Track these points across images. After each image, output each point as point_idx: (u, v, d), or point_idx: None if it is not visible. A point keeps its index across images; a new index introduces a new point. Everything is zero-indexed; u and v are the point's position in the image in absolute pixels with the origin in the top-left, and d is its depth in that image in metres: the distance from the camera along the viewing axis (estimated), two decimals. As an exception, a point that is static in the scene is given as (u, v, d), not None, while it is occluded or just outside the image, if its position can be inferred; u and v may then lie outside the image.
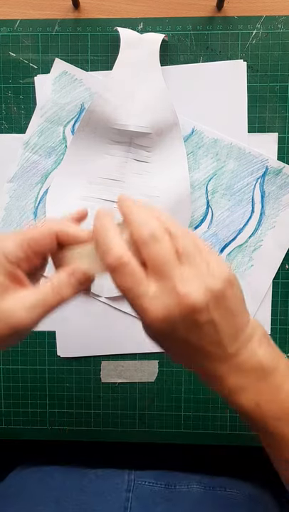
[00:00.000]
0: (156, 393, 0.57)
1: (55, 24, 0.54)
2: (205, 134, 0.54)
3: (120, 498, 0.50)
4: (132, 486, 0.52)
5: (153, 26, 0.53)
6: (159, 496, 0.51)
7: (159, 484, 0.53)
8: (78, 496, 0.50)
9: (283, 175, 0.54)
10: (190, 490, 0.52)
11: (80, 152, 0.54)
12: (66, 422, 0.57)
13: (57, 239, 0.34)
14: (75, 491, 0.51)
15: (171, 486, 0.53)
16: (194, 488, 0.52)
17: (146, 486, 0.53)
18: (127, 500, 0.50)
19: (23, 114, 0.55)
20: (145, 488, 0.52)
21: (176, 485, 0.53)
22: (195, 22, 0.53)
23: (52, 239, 0.34)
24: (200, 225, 0.55)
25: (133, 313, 0.56)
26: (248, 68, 0.53)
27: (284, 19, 0.53)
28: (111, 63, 0.53)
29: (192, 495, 0.51)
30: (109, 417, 0.57)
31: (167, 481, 0.54)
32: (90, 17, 0.54)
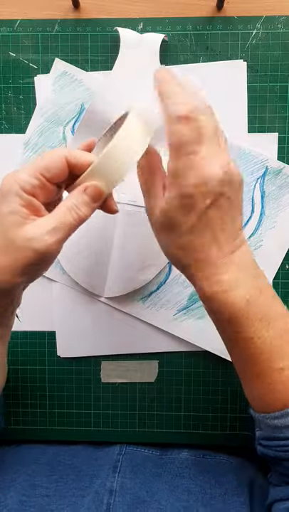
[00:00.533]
0: (156, 393, 0.57)
1: (55, 24, 0.54)
2: (205, 134, 0.54)
3: (112, 460, 0.51)
4: (124, 450, 0.54)
5: (153, 26, 0.53)
6: (149, 461, 0.52)
7: (150, 452, 0.54)
8: (71, 461, 0.51)
9: (283, 175, 0.54)
10: (180, 456, 0.53)
11: (80, 152, 0.54)
12: (66, 422, 0.57)
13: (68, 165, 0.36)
14: (68, 457, 0.52)
15: (162, 454, 0.54)
16: (184, 455, 0.53)
17: (137, 451, 0.54)
18: (118, 461, 0.51)
19: (23, 114, 0.55)
20: (136, 453, 0.54)
21: (167, 453, 0.54)
22: (195, 22, 0.53)
23: (63, 163, 0.35)
24: (200, 225, 0.55)
25: (133, 314, 0.56)
26: (248, 68, 0.53)
27: (284, 19, 0.53)
28: (111, 63, 0.53)
29: (182, 460, 0.52)
30: (109, 418, 0.57)
31: (159, 450, 0.55)
32: (90, 17, 0.54)
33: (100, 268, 0.55)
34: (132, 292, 0.56)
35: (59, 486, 0.47)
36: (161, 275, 0.56)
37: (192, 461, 0.52)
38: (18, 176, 0.34)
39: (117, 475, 0.48)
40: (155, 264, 0.55)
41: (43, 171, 0.35)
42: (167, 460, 0.53)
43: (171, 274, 0.56)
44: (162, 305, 0.56)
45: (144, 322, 0.56)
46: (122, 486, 0.46)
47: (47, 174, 0.35)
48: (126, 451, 0.54)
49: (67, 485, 0.47)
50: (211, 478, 0.48)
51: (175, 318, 0.56)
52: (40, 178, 0.35)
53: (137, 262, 0.55)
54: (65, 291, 0.56)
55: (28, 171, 0.35)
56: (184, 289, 0.56)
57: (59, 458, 0.52)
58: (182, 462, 0.52)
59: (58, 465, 0.51)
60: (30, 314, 0.56)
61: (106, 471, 0.49)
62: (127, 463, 0.51)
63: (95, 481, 0.48)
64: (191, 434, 0.57)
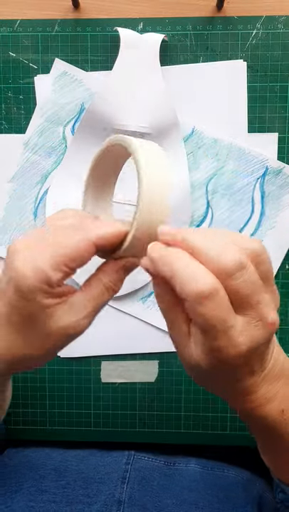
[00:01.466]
0: (156, 393, 0.57)
1: (55, 24, 0.54)
2: (205, 134, 0.54)
3: (120, 469, 0.51)
4: (132, 459, 0.53)
5: (153, 26, 0.53)
6: (157, 471, 0.52)
7: (158, 461, 0.54)
8: (79, 467, 0.51)
9: (283, 175, 0.54)
10: (188, 468, 0.53)
11: (80, 152, 0.54)
12: (66, 422, 0.57)
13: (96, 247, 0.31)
14: (75, 462, 0.52)
15: (170, 463, 0.54)
16: (192, 467, 0.53)
17: (145, 460, 0.53)
18: (126, 471, 0.50)
19: (23, 114, 0.55)
20: (144, 462, 0.53)
21: (174, 462, 0.54)
22: (195, 22, 0.53)
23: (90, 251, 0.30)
24: (200, 225, 0.55)
25: (133, 314, 0.56)
26: (248, 68, 0.53)
27: (284, 19, 0.53)
28: (111, 63, 0.53)
29: (190, 472, 0.52)
30: (109, 418, 0.57)
31: (166, 459, 0.54)
32: (90, 17, 0.54)
33: (100, 268, 0.55)
34: (132, 292, 0.55)
35: (66, 492, 0.46)
36: (161, 275, 0.56)
37: (200, 474, 0.52)
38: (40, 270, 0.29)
39: (126, 486, 0.48)
40: (155, 264, 0.55)
41: (67, 261, 0.29)
42: (175, 471, 0.52)
43: (171, 274, 0.56)
44: (162, 305, 0.56)
45: (144, 322, 0.56)
46: (130, 498, 0.46)
47: (72, 264, 0.30)
48: (134, 460, 0.53)
49: (75, 491, 0.47)
50: (219, 493, 0.48)
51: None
52: (65, 270, 0.30)
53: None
54: (65, 291, 0.56)
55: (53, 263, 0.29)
56: (184, 289, 0.56)
57: (66, 463, 0.51)
58: (190, 475, 0.51)
59: (65, 471, 0.50)
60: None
61: (114, 481, 0.49)
62: (135, 473, 0.50)
63: (102, 489, 0.47)
64: (191, 434, 0.57)
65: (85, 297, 0.31)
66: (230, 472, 0.53)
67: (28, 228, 0.56)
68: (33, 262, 0.29)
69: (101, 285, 0.32)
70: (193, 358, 0.29)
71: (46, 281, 0.29)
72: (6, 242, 0.56)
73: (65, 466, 0.51)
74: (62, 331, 0.31)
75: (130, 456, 0.54)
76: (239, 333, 0.28)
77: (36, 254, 0.29)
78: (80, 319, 0.31)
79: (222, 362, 0.28)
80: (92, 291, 0.32)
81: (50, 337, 0.31)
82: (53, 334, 0.31)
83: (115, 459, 0.53)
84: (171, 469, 0.52)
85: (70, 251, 0.29)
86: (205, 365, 0.29)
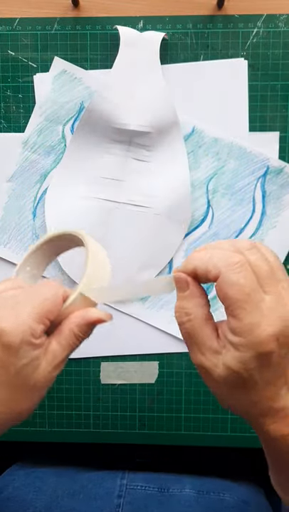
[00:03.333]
0: (156, 395, 0.56)
1: (55, 22, 0.54)
2: (205, 133, 0.54)
3: (112, 504, 0.50)
4: (124, 491, 0.52)
5: (153, 25, 0.53)
6: (151, 500, 0.51)
7: (151, 488, 0.53)
8: (69, 503, 0.50)
9: (284, 174, 0.54)
10: (182, 493, 0.52)
11: (80, 151, 0.54)
12: (65, 423, 0.57)
13: None
14: (66, 497, 0.51)
15: (163, 489, 0.53)
16: (187, 492, 0.52)
17: (138, 489, 0.52)
18: (119, 507, 0.50)
19: (22, 113, 0.55)
20: (137, 493, 0.52)
21: (168, 488, 0.53)
22: (195, 20, 0.53)
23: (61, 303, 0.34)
24: (200, 225, 0.55)
25: (133, 314, 0.55)
26: (248, 67, 0.53)
27: (285, 18, 0.52)
28: (111, 62, 0.53)
29: (185, 498, 0.51)
30: (108, 419, 0.57)
31: (160, 484, 0.53)
32: (90, 15, 0.54)
33: (99, 268, 0.55)
34: (132, 292, 0.55)
35: None
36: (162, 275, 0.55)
37: (196, 498, 0.51)
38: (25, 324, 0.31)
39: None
40: (155, 264, 0.55)
41: (48, 314, 0.33)
42: (170, 498, 0.51)
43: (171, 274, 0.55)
44: (162, 305, 0.55)
45: (144, 323, 0.56)
46: None
47: (51, 316, 0.33)
48: (126, 492, 0.52)
49: None
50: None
51: (175, 319, 0.55)
52: (46, 322, 0.33)
53: (136, 262, 0.54)
54: (64, 292, 0.56)
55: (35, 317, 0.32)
56: (184, 290, 0.55)
57: (57, 500, 0.50)
58: (186, 501, 0.50)
59: (56, 508, 0.49)
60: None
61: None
62: (129, 507, 0.49)
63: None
64: (191, 435, 0.56)
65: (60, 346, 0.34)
66: (225, 495, 0.52)
67: (27, 228, 0.56)
68: (17, 318, 0.31)
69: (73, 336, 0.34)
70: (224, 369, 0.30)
71: (32, 333, 0.31)
72: (6, 242, 0.56)
73: (56, 504, 0.50)
74: (48, 380, 0.33)
75: (122, 487, 0.52)
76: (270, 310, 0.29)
77: (19, 312, 0.32)
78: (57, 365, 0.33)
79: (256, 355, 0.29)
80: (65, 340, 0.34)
81: (38, 388, 0.33)
82: (40, 385, 0.33)
83: (107, 491, 0.52)
84: (166, 496, 0.52)
85: (50, 305, 0.33)
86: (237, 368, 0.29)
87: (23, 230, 0.56)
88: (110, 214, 0.54)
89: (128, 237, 0.54)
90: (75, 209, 0.54)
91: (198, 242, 0.55)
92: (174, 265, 0.55)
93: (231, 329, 0.30)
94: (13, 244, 0.56)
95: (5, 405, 0.33)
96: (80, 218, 0.54)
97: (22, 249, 0.56)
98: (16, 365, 0.31)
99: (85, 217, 0.54)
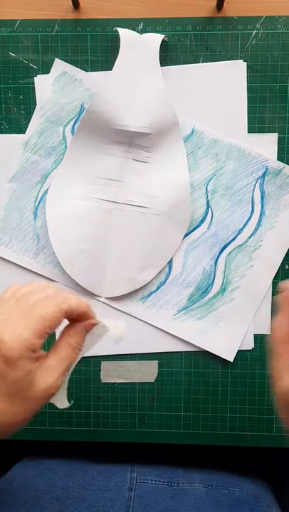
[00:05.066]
0: (155, 393, 0.57)
1: (55, 24, 0.54)
2: (205, 134, 0.54)
3: (123, 498, 0.50)
4: (135, 484, 0.53)
5: (153, 26, 0.53)
6: (161, 494, 0.51)
7: (161, 482, 0.53)
8: (80, 494, 0.51)
9: (283, 175, 0.54)
10: (192, 487, 0.52)
11: (80, 152, 0.54)
12: (66, 422, 0.57)
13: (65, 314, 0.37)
14: (77, 488, 0.51)
15: (173, 483, 0.53)
16: (197, 486, 0.52)
17: (148, 483, 0.53)
18: (129, 500, 0.50)
19: (23, 115, 0.55)
20: (147, 486, 0.52)
21: (178, 482, 0.53)
22: (195, 22, 0.53)
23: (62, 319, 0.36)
24: (200, 225, 0.55)
25: (133, 314, 0.56)
26: (247, 68, 0.53)
27: (284, 19, 0.53)
28: (111, 63, 0.53)
29: (195, 493, 0.51)
30: (109, 418, 0.57)
31: (169, 478, 0.54)
32: (90, 17, 0.54)
33: (99, 268, 0.55)
34: (132, 292, 0.56)
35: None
36: (161, 275, 0.56)
37: (205, 492, 0.52)
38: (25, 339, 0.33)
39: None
40: (155, 264, 0.55)
41: (47, 329, 0.35)
42: (179, 491, 0.52)
43: (171, 274, 0.56)
44: (162, 305, 0.56)
45: (143, 322, 0.56)
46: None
47: (49, 330, 0.35)
48: (137, 485, 0.52)
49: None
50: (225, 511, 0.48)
51: (175, 319, 0.56)
52: (45, 336, 0.35)
53: (136, 262, 0.55)
54: (65, 292, 0.56)
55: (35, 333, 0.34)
56: (183, 290, 0.56)
57: (68, 491, 0.51)
58: (195, 494, 0.51)
59: (68, 499, 0.50)
60: (30, 314, 0.56)
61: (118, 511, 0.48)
62: (139, 501, 0.50)
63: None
64: (190, 434, 0.57)
65: (56, 358, 0.36)
66: (235, 489, 0.53)
67: (28, 228, 0.56)
68: (19, 334, 0.33)
69: (69, 346, 0.37)
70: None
71: (31, 348, 0.33)
72: (6, 242, 0.56)
73: (67, 494, 0.50)
74: (45, 393, 0.35)
75: (133, 481, 0.53)
76: None
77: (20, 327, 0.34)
78: (55, 380, 0.35)
79: None
80: (62, 353, 0.36)
81: (34, 400, 0.34)
82: (36, 397, 0.34)
83: (117, 483, 0.52)
84: (175, 490, 0.52)
85: (49, 322, 0.35)
86: None
87: (24, 231, 0.56)
88: (110, 214, 0.54)
89: (128, 238, 0.55)
90: (76, 209, 0.55)
91: (197, 243, 0.55)
92: (174, 265, 0.56)
93: None
94: (14, 244, 0.56)
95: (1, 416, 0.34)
96: (80, 219, 0.55)
97: (23, 249, 0.56)
98: (14, 376, 0.33)
99: (86, 217, 0.54)
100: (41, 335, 0.34)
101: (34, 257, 0.56)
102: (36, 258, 0.56)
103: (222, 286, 0.55)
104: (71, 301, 0.37)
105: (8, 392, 0.33)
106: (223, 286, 0.55)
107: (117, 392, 0.57)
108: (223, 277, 0.55)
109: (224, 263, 0.55)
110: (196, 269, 0.56)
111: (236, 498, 0.51)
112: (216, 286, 0.55)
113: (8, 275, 0.57)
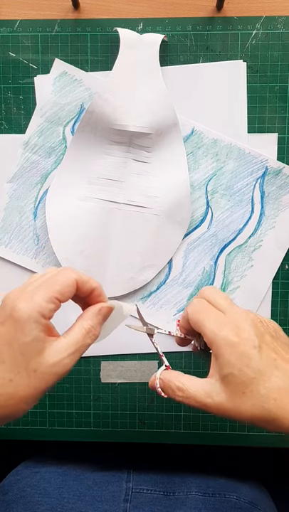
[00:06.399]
0: (155, 394, 0.57)
1: (55, 24, 0.54)
2: (205, 135, 0.54)
3: (118, 509, 0.50)
4: (130, 494, 0.52)
5: (153, 27, 0.53)
6: (157, 504, 0.51)
7: (157, 492, 0.53)
8: (75, 505, 0.50)
9: (283, 175, 0.54)
10: (189, 497, 0.52)
11: (80, 152, 0.54)
12: (66, 422, 0.57)
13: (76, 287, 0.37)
14: (72, 499, 0.51)
15: (169, 492, 0.53)
16: (193, 495, 0.52)
17: (144, 493, 0.52)
18: (125, 511, 0.50)
19: (23, 115, 0.55)
20: (143, 496, 0.52)
21: (174, 492, 0.53)
22: (195, 22, 0.53)
23: (74, 287, 0.36)
24: (200, 225, 0.55)
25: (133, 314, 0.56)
26: (247, 68, 0.54)
27: (284, 19, 0.53)
28: (111, 64, 0.53)
29: (191, 502, 0.51)
30: (109, 418, 0.57)
31: (165, 487, 0.53)
32: (90, 17, 0.54)
33: (99, 268, 0.55)
34: (132, 292, 0.56)
35: None
36: (161, 275, 0.56)
37: (202, 501, 0.51)
38: (36, 303, 0.34)
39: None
40: (155, 264, 0.55)
41: (57, 295, 0.35)
42: (176, 501, 0.51)
43: (171, 274, 0.56)
44: (162, 305, 0.56)
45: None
46: None
47: (61, 297, 0.35)
48: (132, 496, 0.52)
49: None
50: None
51: (175, 319, 0.56)
52: (56, 302, 0.35)
53: (136, 262, 0.55)
54: (64, 292, 0.56)
55: (44, 296, 0.34)
56: (183, 289, 0.56)
57: (63, 502, 0.51)
58: (192, 503, 0.51)
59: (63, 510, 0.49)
60: (30, 314, 0.56)
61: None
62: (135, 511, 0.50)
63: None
64: (190, 434, 0.57)
65: (69, 338, 0.36)
66: (232, 496, 0.52)
67: (28, 228, 0.56)
68: (31, 298, 0.34)
69: (83, 328, 0.37)
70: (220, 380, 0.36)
71: (41, 312, 0.34)
72: (7, 242, 0.56)
73: (62, 505, 0.50)
74: (51, 369, 0.34)
75: (128, 491, 0.53)
76: None
77: (32, 292, 0.35)
78: (65, 357, 0.35)
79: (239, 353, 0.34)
80: (74, 333, 0.36)
81: (39, 374, 0.34)
82: (41, 371, 0.34)
83: (113, 494, 0.52)
84: (172, 500, 0.52)
85: (60, 287, 0.35)
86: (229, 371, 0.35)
87: (24, 231, 0.56)
88: (110, 214, 0.54)
89: (128, 238, 0.55)
90: (76, 209, 0.55)
91: (197, 243, 0.55)
92: (174, 265, 0.56)
93: None
94: (14, 244, 0.56)
95: (4, 387, 0.33)
96: (80, 219, 0.55)
97: (23, 249, 0.56)
98: (20, 341, 0.33)
99: (86, 217, 0.54)
100: (51, 300, 0.34)
101: (34, 257, 0.56)
102: (36, 258, 0.56)
103: (222, 286, 0.55)
104: (81, 274, 0.37)
105: (14, 360, 0.33)
106: (223, 286, 0.55)
107: (117, 392, 0.57)
108: (223, 277, 0.55)
109: (224, 263, 0.55)
110: (196, 269, 0.56)
111: (233, 505, 0.51)
112: (216, 286, 0.55)
113: (8, 275, 0.57)
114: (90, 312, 0.37)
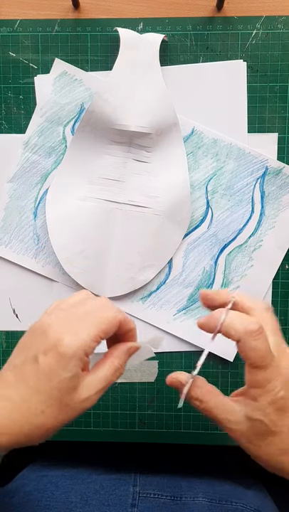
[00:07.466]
0: (155, 393, 0.57)
1: (55, 24, 0.54)
2: (205, 134, 0.54)
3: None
4: (137, 499, 0.52)
5: (153, 26, 0.53)
6: (164, 509, 0.51)
7: (164, 496, 0.53)
8: (83, 510, 0.50)
9: (283, 175, 0.54)
10: (196, 502, 0.52)
11: (80, 152, 0.54)
12: (66, 422, 0.57)
13: None
14: (79, 503, 0.51)
15: (176, 497, 0.52)
16: (200, 501, 0.52)
17: (151, 498, 0.52)
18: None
19: (23, 114, 0.55)
20: (150, 501, 0.52)
21: (181, 496, 0.53)
22: (195, 22, 0.53)
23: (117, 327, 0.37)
24: (200, 225, 0.55)
25: (133, 314, 0.56)
26: (247, 68, 0.54)
27: (284, 19, 0.53)
28: (111, 63, 0.53)
29: (198, 507, 0.51)
30: (109, 417, 0.57)
31: (172, 491, 0.53)
32: (90, 17, 0.54)
33: (99, 268, 0.55)
34: (132, 292, 0.56)
35: None
36: (161, 275, 0.56)
37: (208, 507, 0.51)
38: (82, 339, 0.34)
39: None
40: (155, 264, 0.55)
41: (102, 334, 0.35)
42: (182, 506, 0.51)
43: (171, 274, 0.56)
44: (162, 305, 0.56)
45: (143, 322, 0.56)
46: None
47: (104, 336, 0.36)
48: (139, 500, 0.52)
49: None
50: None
51: (175, 319, 0.56)
52: (100, 341, 0.36)
53: (137, 262, 0.55)
54: (65, 291, 0.56)
55: (91, 335, 0.35)
56: (184, 289, 0.56)
57: (70, 506, 0.50)
58: (198, 509, 0.51)
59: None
60: (31, 314, 0.57)
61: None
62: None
63: None
64: (190, 434, 0.57)
65: (99, 375, 0.36)
66: (238, 504, 0.52)
67: (28, 228, 0.56)
68: (76, 334, 0.34)
69: (113, 365, 0.37)
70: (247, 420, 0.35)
71: (86, 350, 0.34)
72: (7, 242, 0.56)
73: (69, 509, 0.50)
74: (81, 404, 0.35)
75: (135, 495, 0.52)
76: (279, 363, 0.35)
77: (78, 328, 0.35)
78: (93, 394, 0.35)
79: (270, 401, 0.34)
80: (104, 371, 0.36)
81: (69, 410, 0.34)
82: (72, 407, 0.34)
83: (120, 498, 0.52)
84: (179, 505, 0.51)
85: (106, 326, 0.35)
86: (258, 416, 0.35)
87: (24, 231, 0.56)
88: (110, 214, 0.54)
89: (128, 238, 0.55)
90: (76, 209, 0.55)
91: (197, 242, 0.55)
92: (174, 265, 0.56)
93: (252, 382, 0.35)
94: (14, 244, 0.56)
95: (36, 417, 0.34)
96: (80, 219, 0.55)
97: (23, 249, 0.56)
98: (61, 376, 0.34)
99: (86, 217, 0.54)
100: (96, 339, 0.35)
101: (34, 257, 0.56)
102: (36, 258, 0.56)
103: (222, 286, 0.55)
104: (124, 314, 0.38)
105: (50, 394, 0.34)
106: (223, 286, 0.55)
107: (117, 392, 0.57)
108: (223, 277, 0.55)
109: (224, 263, 0.55)
110: (196, 269, 0.56)
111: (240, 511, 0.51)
112: (216, 286, 0.55)
113: (8, 275, 0.57)
114: (120, 350, 0.38)
